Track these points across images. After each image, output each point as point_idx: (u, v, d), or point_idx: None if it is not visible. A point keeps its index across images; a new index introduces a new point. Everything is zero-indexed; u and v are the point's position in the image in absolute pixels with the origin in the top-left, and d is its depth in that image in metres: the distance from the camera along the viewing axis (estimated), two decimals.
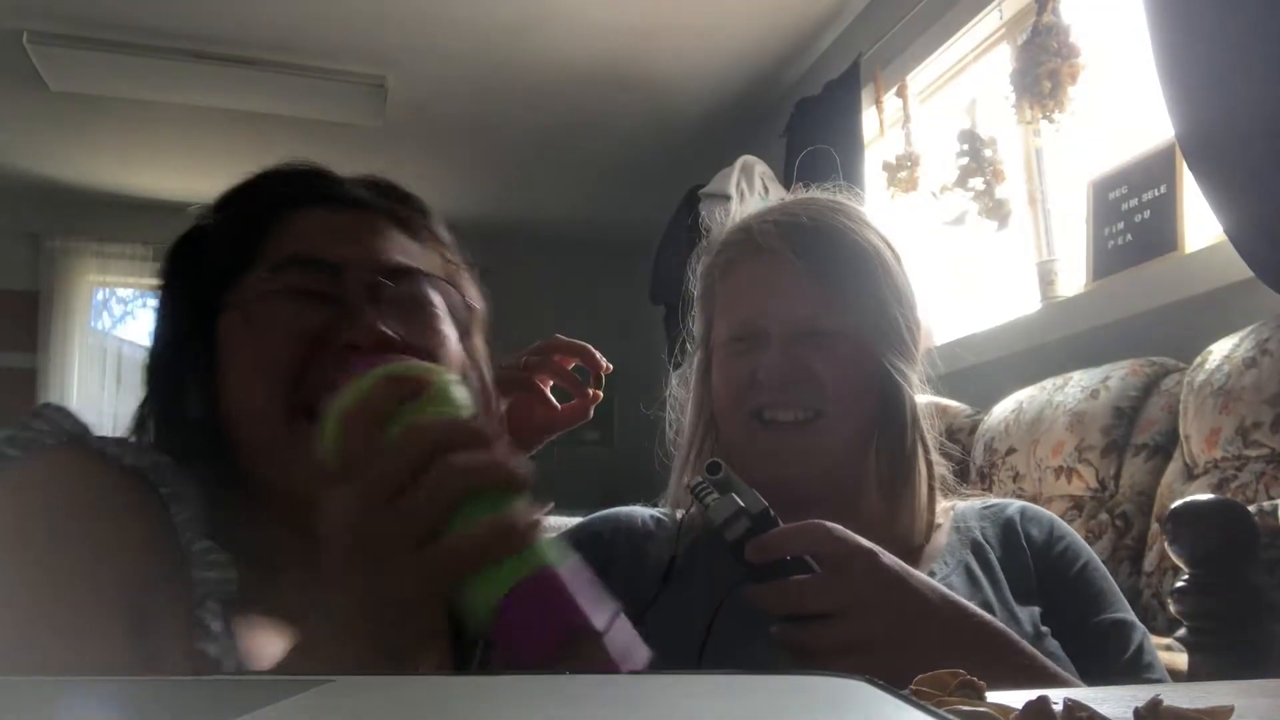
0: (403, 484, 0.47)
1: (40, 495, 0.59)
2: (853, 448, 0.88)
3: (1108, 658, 0.81)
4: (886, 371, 0.86)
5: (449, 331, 0.72)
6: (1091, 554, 0.88)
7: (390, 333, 0.66)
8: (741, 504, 0.68)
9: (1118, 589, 0.87)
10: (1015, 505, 0.92)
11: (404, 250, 0.73)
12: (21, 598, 0.55)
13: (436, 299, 0.72)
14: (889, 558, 0.67)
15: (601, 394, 0.94)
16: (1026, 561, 0.86)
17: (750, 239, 0.91)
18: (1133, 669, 0.80)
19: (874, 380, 0.87)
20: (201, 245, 0.73)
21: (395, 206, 0.76)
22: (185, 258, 0.74)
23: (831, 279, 0.86)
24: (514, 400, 0.93)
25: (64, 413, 0.64)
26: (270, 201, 0.73)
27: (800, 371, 0.85)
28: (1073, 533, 0.90)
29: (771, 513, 0.68)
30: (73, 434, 0.63)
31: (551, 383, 0.95)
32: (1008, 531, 0.88)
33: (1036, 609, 0.82)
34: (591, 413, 0.94)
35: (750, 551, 0.66)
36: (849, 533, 0.67)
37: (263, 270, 0.68)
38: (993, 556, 0.86)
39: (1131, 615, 0.85)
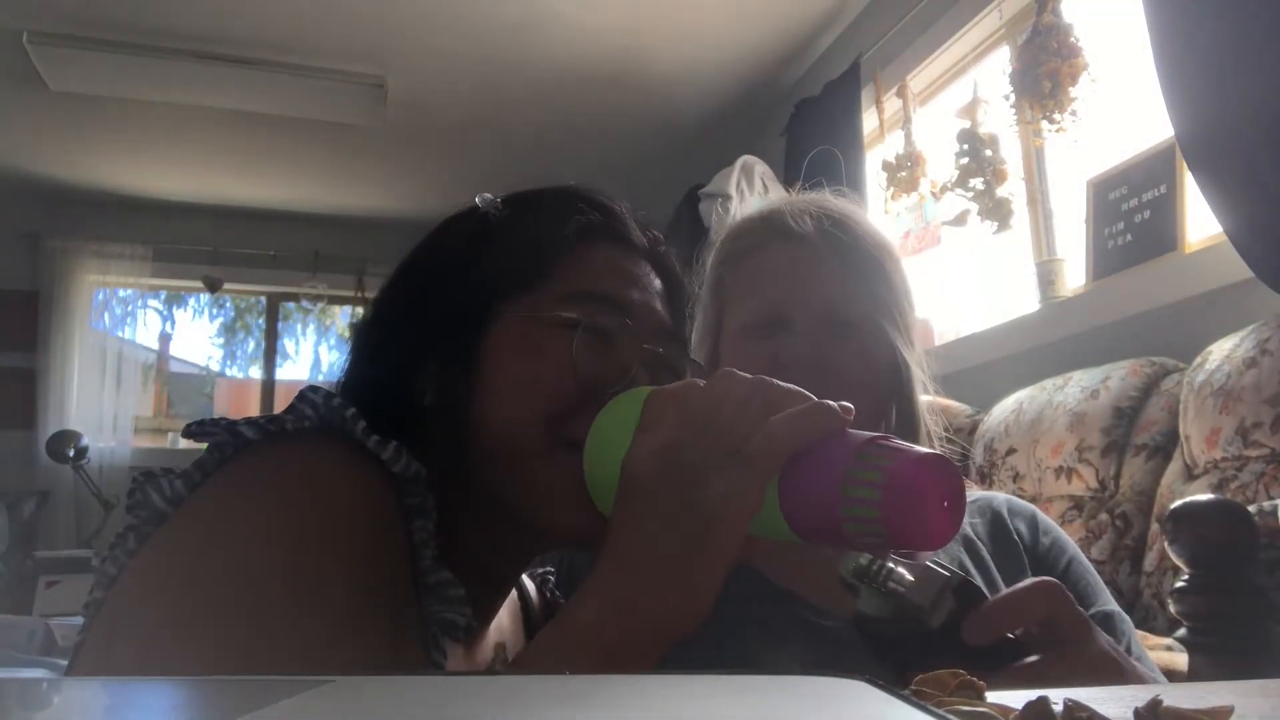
0: (712, 417, 0.53)
1: (313, 482, 0.55)
2: None
3: None
4: (901, 362, 0.87)
5: None
6: (1075, 548, 0.89)
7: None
8: (945, 574, 0.57)
9: (1101, 582, 0.88)
10: (1000, 498, 0.93)
11: (668, 308, 0.73)
12: (298, 584, 0.51)
13: (688, 370, 0.73)
14: (1095, 628, 0.61)
15: None
16: (1020, 556, 0.86)
17: (781, 223, 0.90)
18: None
19: (887, 371, 0.87)
20: (488, 238, 0.70)
21: (666, 260, 0.75)
22: (467, 244, 0.70)
23: (856, 269, 0.88)
24: None
25: (329, 401, 0.60)
26: (570, 224, 0.70)
27: (822, 360, 0.84)
28: (1056, 527, 0.91)
29: (972, 580, 0.59)
30: (332, 423, 0.59)
31: None
32: (998, 526, 0.89)
33: None
34: None
35: (973, 633, 0.56)
36: (1070, 595, 0.60)
37: (554, 296, 0.66)
38: (985, 553, 0.86)
39: (1117, 607, 0.85)
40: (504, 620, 0.75)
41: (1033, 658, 0.57)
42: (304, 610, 0.50)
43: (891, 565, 0.58)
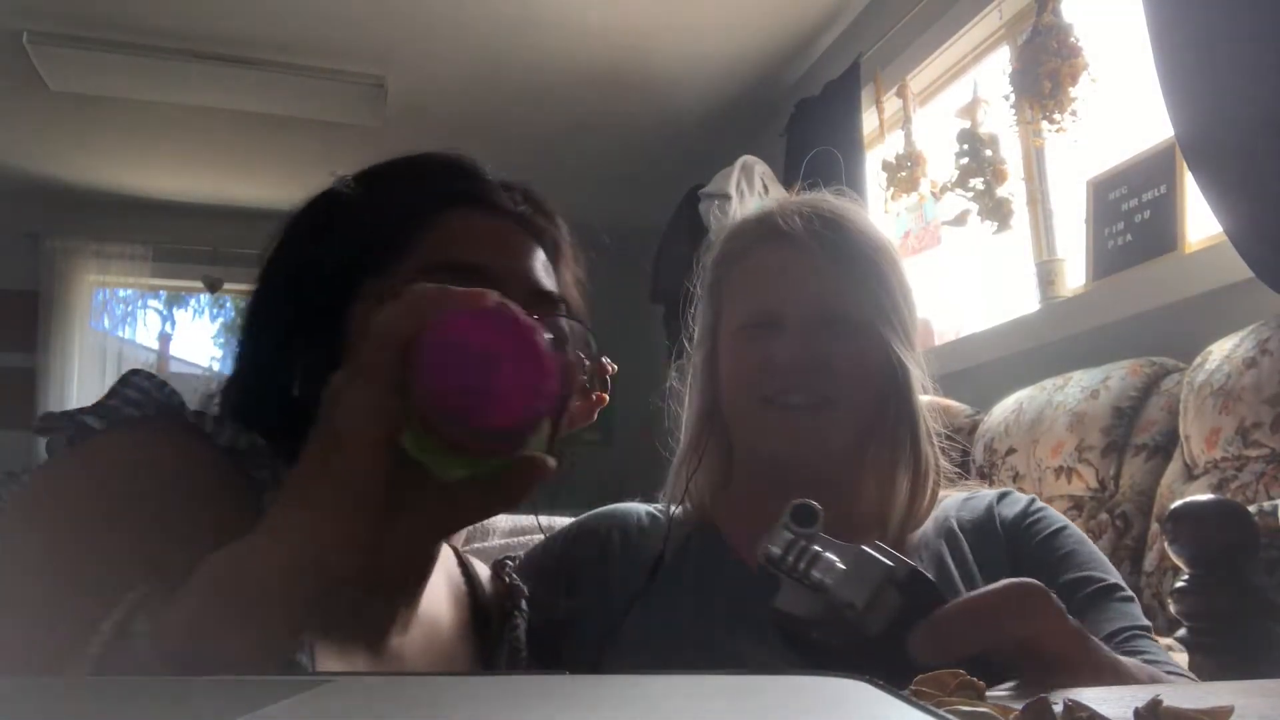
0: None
1: (129, 465, 0.55)
2: (856, 434, 0.88)
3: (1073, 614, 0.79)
4: (897, 361, 0.87)
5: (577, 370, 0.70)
6: (1069, 525, 0.87)
7: None
8: (887, 563, 0.44)
9: (1100, 556, 0.85)
10: (995, 491, 0.92)
11: (547, 273, 0.70)
12: (92, 567, 0.49)
13: (569, 331, 0.70)
14: (1088, 638, 0.53)
15: (607, 397, 0.94)
16: (999, 541, 0.86)
17: (772, 224, 0.91)
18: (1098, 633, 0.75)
19: (883, 370, 0.88)
20: (338, 216, 0.69)
21: (543, 223, 0.72)
22: (320, 226, 0.69)
23: (850, 268, 0.88)
24: None
25: (155, 382, 0.60)
26: (426, 193, 0.68)
27: (816, 359, 0.85)
28: (1052, 510, 0.89)
29: (924, 573, 0.46)
30: (166, 405, 0.59)
31: None
32: (984, 517, 0.88)
33: None
34: (595, 415, 0.94)
35: (923, 649, 0.43)
36: (1059, 603, 0.51)
37: (412, 270, 0.64)
38: (965, 544, 0.86)
39: (1110, 578, 0.81)
40: (440, 604, 0.73)
41: (1007, 684, 0.46)
42: (82, 586, 0.48)
43: (818, 550, 0.46)
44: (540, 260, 0.70)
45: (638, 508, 0.96)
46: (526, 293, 0.67)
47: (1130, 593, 0.82)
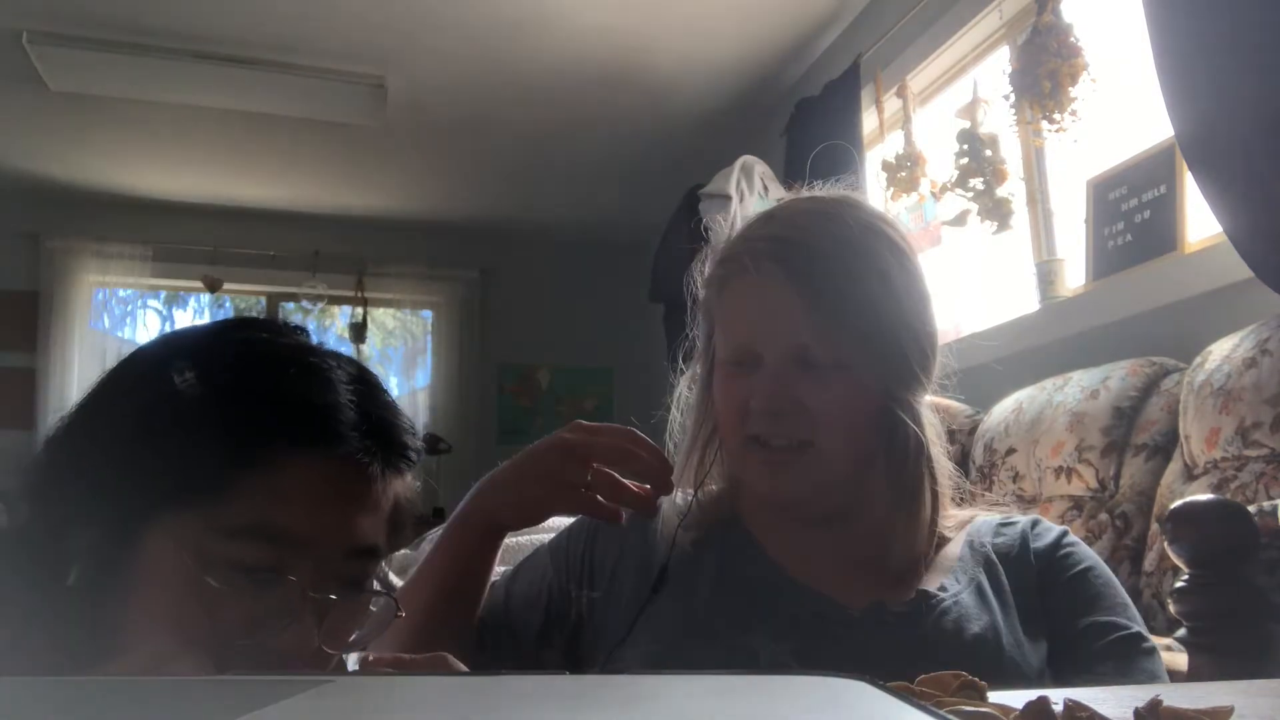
0: None
1: None
2: (847, 473, 0.85)
3: (1093, 658, 0.79)
4: (888, 408, 0.83)
5: (369, 637, 0.64)
6: (1099, 562, 0.86)
7: (327, 650, 0.59)
8: None
9: (1124, 599, 0.84)
10: (1029, 519, 0.91)
11: (374, 524, 0.63)
12: None
13: (374, 595, 0.64)
14: None
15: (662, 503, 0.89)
16: (1033, 576, 0.84)
17: (743, 259, 0.85)
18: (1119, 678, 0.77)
19: (872, 415, 0.83)
20: (162, 417, 0.60)
21: (390, 458, 0.64)
22: (138, 418, 0.60)
23: (828, 306, 0.81)
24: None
25: None
26: (259, 429, 0.59)
27: (790, 403, 0.81)
28: (1082, 545, 0.88)
29: None
30: None
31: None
32: (1019, 547, 0.87)
33: (1045, 645, 0.81)
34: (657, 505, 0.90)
35: None
36: None
37: (218, 525, 0.57)
38: (1003, 577, 0.84)
39: (1134, 626, 0.82)
40: None
41: None
42: None
43: None
44: (371, 508, 0.63)
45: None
46: (343, 553, 0.61)
47: (1151, 643, 0.81)
